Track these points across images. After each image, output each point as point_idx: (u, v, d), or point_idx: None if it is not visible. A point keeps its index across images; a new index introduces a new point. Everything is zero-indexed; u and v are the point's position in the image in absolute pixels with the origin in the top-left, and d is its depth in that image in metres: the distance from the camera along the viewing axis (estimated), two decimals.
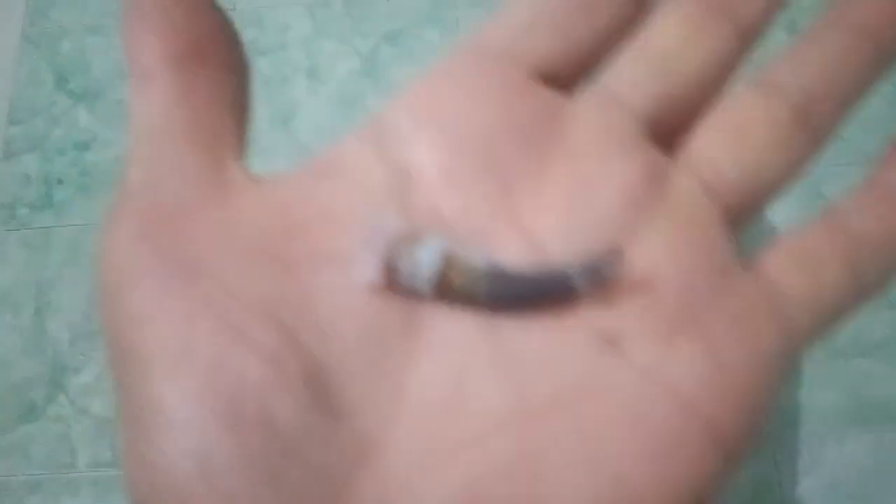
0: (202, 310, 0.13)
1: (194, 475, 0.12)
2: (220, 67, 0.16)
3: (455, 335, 0.14)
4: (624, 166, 0.15)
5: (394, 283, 0.14)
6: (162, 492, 0.13)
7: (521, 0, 0.16)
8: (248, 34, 1.02)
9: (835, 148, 0.16)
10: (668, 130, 0.16)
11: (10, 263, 0.99)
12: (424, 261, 0.14)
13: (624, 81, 0.16)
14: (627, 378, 0.14)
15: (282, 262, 0.14)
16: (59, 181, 1.02)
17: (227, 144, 0.15)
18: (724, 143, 0.16)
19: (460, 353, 0.14)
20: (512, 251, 0.15)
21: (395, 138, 0.15)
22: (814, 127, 0.16)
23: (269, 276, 0.14)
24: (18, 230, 1.00)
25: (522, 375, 0.14)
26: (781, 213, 0.34)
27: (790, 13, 0.18)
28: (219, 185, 0.15)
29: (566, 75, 0.16)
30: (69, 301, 0.96)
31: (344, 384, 0.14)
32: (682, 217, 0.15)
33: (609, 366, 0.14)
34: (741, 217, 0.16)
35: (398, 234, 0.14)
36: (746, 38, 0.16)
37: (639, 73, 0.16)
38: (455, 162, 0.15)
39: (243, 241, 0.14)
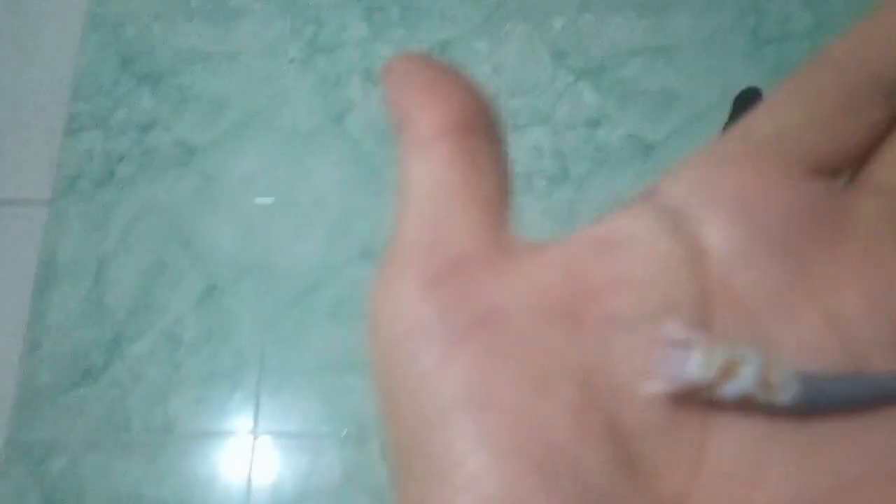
0: (502, 361, 0.14)
1: None
2: (490, 140, 0.16)
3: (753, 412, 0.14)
4: None
5: (697, 391, 0.14)
6: None
7: (788, 96, 0.16)
8: (307, 31, 1.08)
9: None
10: None
11: (71, 235, 1.04)
12: (748, 367, 0.14)
13: (891, 182, 0.16)
14: None
15: (575, 322, 0.14)
16: (121, 159, 1.07)
17: (502, 212, 0.16)
18: None
19: (760, 428, 0.14)
20: (815, 333, 0.15)
21: (684, 215, 0.15)
22: None
23: (564, 334, 0.14)
24: (79, 204, 1.06)
25: (826, 453, 0.14)
26: None
27: None
28: (499, 246, 0.15)
29: (829, 171, 0.16)
30: (127, 275, 1.02)
31: (643, 446, 0.14)
32: None
33: None
34: None
35: (706, 336, 0.14)
36: None
37: None
38: (748, 242, 0.15)
39: (533, 299, 0.14)
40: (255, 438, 0.96)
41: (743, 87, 1.00)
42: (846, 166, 0.16)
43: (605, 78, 1.08)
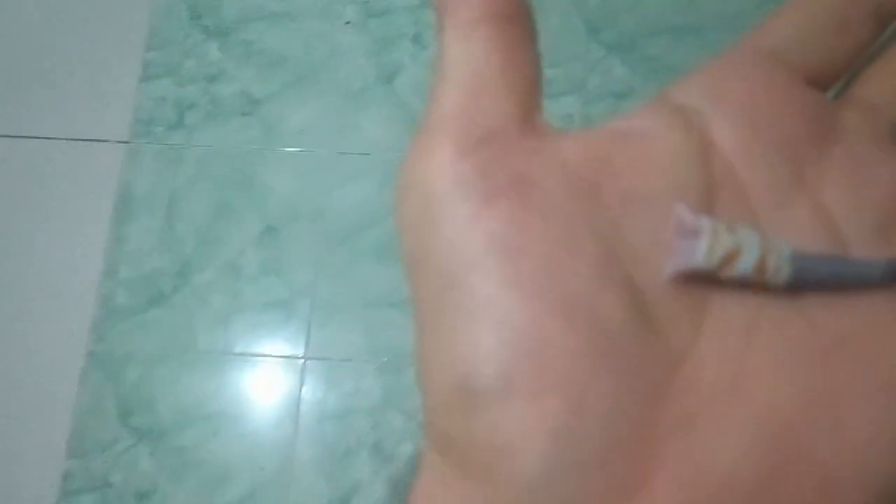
0: (531, 219, 0.14)
1: (524, 360, 0.13)
2: (526, 32, 0.16)
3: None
4: (893, 157, 0.16)
5: (704, 271, 0.14)
6: (477, 383, 0.13)
7: (791, 12, 0.17)
8: None
9: None
10: None
11: (146, 173, 1.15)
12: (747, 255, 0.14)
13: (877, 94, 0.17)
14: None
15: (596, 195, 0.15)
16: (190, 106, 1.18)
17: (534, 97, 0.16)
18: None
19: (756, 294, 0.15)
20: (805, 221, 0.16)
21: (695, 113, 0.16)
22: None
23: (587, 203, 0.15)
24: (154, 145, 1.17)
25: (817, 314, 0.15)
26: None
27: None
28: (531, 125, 0.15)
29: (820, 84, 0.17)
30: (195, 211, 1.13)
31: (655, 302, 0.14)
32: None
33: (891, 311, 0.15)
34: None
35: (716, 224, 0.15)
36: None
37: (888, 89, 0.17)
38: (752, 139, 0.16)
39: (559, 172, 0.15)
40: (304, 362, 1.07)
41: None
42: (833, 80, 0.17)
43: (634, 53, 1.16)
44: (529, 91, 0.16)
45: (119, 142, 1.17)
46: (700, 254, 0.14)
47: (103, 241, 1.13)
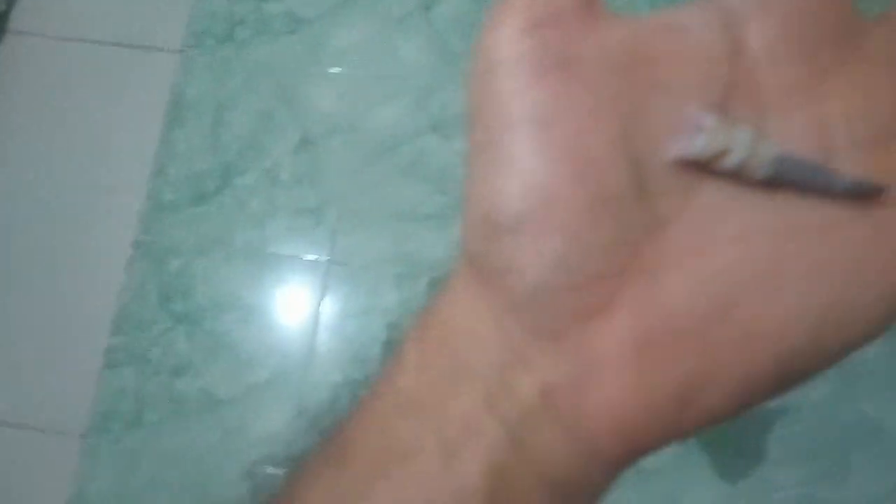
0: (569, 96, 0.16)
1: (536, 206, 0.16)
2: None
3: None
4: None
5: (700, 160, 0.17)
6: (499, 218, 0.17)
7: None
8: None
9: None
10: None
11: (196, 81, 1.24)
12: (734, 154, 0.16)
13: None
14: (862, 228, 0.17)
15: (631, 79, 0.17)
16: (240, 22, 1.25)
17: None
18: None
19: (738, 185, 0.17)
20: (803, 126, 0.17)
21: (736, 14, 0.17)
22: None
23: (620, 85, 0.17)
24: (205, 56, 1.25)
25: (784, 207, 0.17)
26: None
27: None
28: (590, 8, 0.17)
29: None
30: (239, 120, 1.21)
31: (654, 176, 0.17)
32: None
33: (847, 217, 0.17)
34: None
35: (717, 122, 0.16)
36: None
37: None
38: (780, 43, 0.17)
39: (604, 55, 0.17)
40: (329, 265, 1.16)
41: None
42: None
43: None
44: None
45: (173, 51, 1.25)
46: (698, 147, 0.17)
47: (154, 142, 1.22)
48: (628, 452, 0.17)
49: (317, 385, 1.11)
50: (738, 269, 0.17)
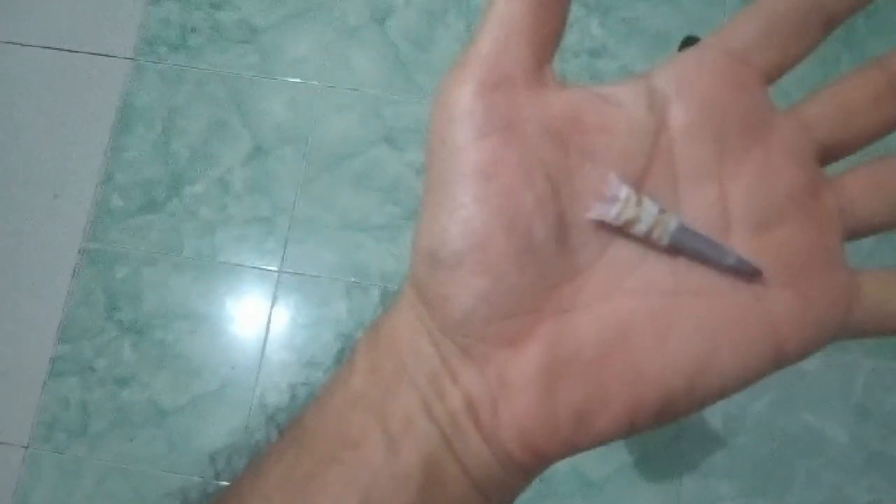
0: (510, 155, 0.19)
1: (472, 248, 0.19)
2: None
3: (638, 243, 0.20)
4: (798, 175, 0.20)
5: (614, 224, 0.19)
6: (440, 255, 0.19)
7: (755, 14, 0.20)
8: None
9: None
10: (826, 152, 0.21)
11: (147, 88, 1.23)
12: (642, 223, 0.19)
13: (816, 117, 0.20)
14: (742, 297, 0.20)
15: (564, 144, 0.19)
16: (193, 30, 1.25)
17: (549, 51, 0.20)
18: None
19: (644, 247, 0.20)
20: (707, 203, 0.20)
21: (663, 96, 0.20)
22: None
23: (554, 150, 0.19)
24: (157, 64, 1.24)
25: (679, 270, 0.20)
26: None
27: None
28: (539, 76, 0.20)
29: (770, 82, 0.20)
30: (191, 127, 1.21)
31: (575, 233, 0.20)
32: (813, 219, 0.20)
33: (730, 285, 0.20)
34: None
35: (631, 195, 0.19)
36: None
37: (827, 114, 0.20)
38: (698, 126, 0.20)
39: (544, 121, 0.19)
40: (280, 274, 1.16)
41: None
42: (776, 77, 0.20)
43: (612, 15, 1.23)
44: (548, 45, 0.20)
45: (124, 57, 1.24)
46: (612, 213, 0.19)
47: (104, 148, 1.21)
48: (535, 460, 0.20)
49: (264, 397, 1.10)
50: (635, 316, 0.20)
